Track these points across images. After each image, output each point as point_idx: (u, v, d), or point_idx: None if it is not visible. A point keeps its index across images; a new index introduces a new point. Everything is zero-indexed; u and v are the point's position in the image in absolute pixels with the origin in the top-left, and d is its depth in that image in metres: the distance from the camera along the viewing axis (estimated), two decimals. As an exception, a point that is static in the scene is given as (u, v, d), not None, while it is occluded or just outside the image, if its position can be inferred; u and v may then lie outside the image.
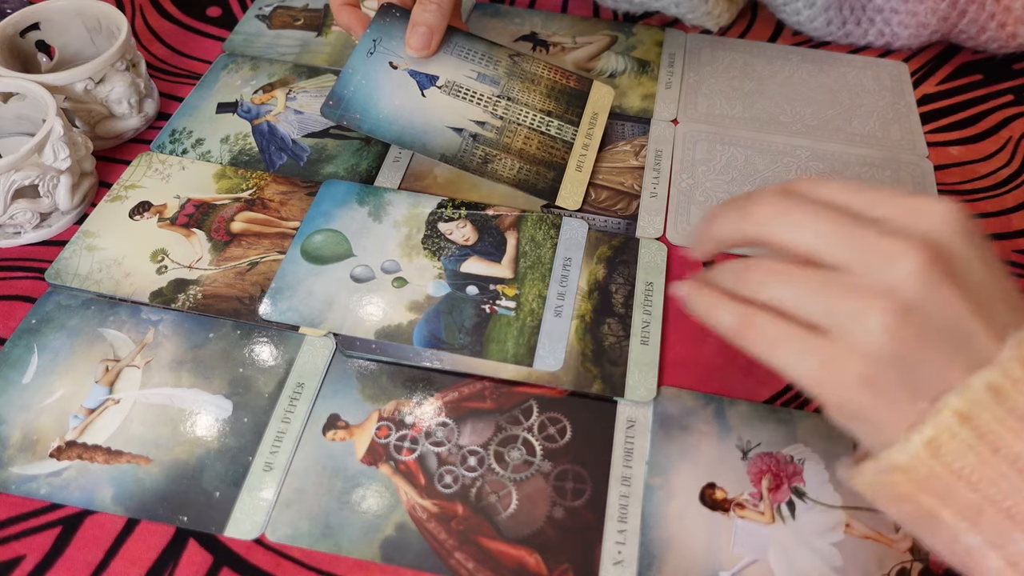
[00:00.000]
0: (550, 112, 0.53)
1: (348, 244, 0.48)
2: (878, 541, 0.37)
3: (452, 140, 0.50)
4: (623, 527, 0.38)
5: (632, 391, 0.42)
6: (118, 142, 0.54)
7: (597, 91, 0.55)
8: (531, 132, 0.52)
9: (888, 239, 0.28)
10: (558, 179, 0.51)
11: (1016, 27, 0.56)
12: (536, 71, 0.54)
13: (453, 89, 0.51)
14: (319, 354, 0.43)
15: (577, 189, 0.51)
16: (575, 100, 0.54)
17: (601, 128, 0.54)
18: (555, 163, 0.51)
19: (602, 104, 0.55)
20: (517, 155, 0.51)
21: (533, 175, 0.50)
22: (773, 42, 0.63)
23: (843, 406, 0.29)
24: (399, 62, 0.51)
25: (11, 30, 0.52)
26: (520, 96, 0.53)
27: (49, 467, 0.39)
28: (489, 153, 0.50)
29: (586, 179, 0.51)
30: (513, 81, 0.53)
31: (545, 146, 0.51)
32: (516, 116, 0.52)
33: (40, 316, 0.44)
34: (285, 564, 0.36)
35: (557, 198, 0.50)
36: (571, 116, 0.53)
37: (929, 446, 0.27)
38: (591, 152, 0.52)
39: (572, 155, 0.52)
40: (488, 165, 0.50)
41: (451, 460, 0.40)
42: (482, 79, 0.52)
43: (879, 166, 0.53)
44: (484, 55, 0.53)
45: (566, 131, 0.52)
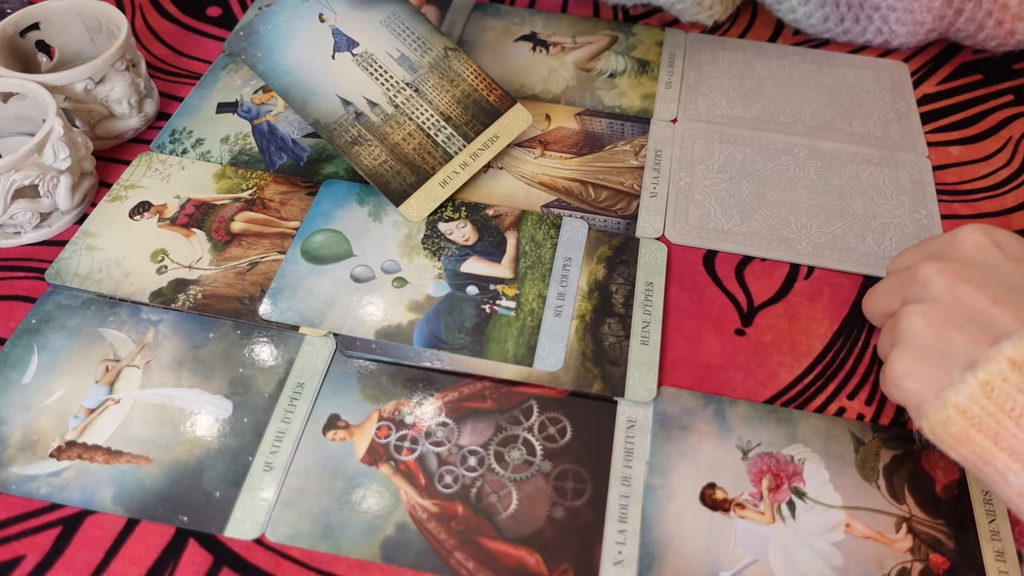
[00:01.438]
0: (449, 118, 0.50)
1: (348, 244, 0.48)
2: (878, 541, 0.37)
3: (334, 109, 0.49)
4: (623, 527, 0.38)
5: (632, 391, 0.42)
6: (118, 142, 0.54)
7: (514, 114, 0.52)
8: (417, 131, 0.49)
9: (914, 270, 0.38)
10: (415, 186, 0.49)
11: (1014, 24, 0.56)
12: (461, 72, 0.52)
13: (366, 61, 0.50)
14: (319, 354, 0.43)
15: (428, 203, 0.49)
16: (483, 115, 0.51)
17: (492, 153, 0.51)
18: (422, 169, 0.49)
19: (510, 129, 0.51)
20: (389, 148, 0.49)
21: (392, 173, 0.48)
22: (773, 42, 0.63)
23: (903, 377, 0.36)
24: (330, 16, 0.50)
25: (11, 30, 0.52)
26: (429, 91, 0.50)
27: (49, 467, 0.39)
28: (362, 135, 0.49)
29: (444, 196, 0.49)
30: (432, 74, 0.51)
31: (423, 149, 0.49)
32: (412, 110, 0.50)
33: (40, 316, 0.44)
34: (285, 564, 0.36)
35: (402, 204, 0.48)
36: (468, 129, 0.50)
37: (984, 387, 0.31)
38: (466, 172, 0.50)
39: (444, 168, 0.49)
40: (354, 147, 0.49)
41: (451, 460, 0.40)
42: (402, 61, 0.51)
43: (879, 166, 0.53)
44: (419, 39, 0.51)
45: (454, 143, 0.50)
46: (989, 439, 0.32)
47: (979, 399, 0.32)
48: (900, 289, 0.39)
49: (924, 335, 0.35)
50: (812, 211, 0.51)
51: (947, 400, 0.32)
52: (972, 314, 0.34)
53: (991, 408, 0.31)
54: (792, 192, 0.52)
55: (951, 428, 0.33)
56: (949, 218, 0.51)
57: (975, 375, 0.32)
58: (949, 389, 0.33)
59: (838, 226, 0.50)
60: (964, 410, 0.32)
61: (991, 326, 0.33)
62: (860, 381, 0.43)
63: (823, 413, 0.42)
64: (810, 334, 0.45)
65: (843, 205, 0.51)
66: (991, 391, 0.31)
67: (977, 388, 0.32)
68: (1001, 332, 0.33)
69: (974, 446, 0.32)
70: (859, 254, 0.48)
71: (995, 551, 0.37)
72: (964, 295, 0.35)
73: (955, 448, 0.33)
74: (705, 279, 0.47)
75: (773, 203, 0.51)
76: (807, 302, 0.46)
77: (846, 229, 0.50)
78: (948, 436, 0.33)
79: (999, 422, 0.31)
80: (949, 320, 0.34)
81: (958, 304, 0.35)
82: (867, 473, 0.39)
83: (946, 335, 0.34)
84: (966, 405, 0.32)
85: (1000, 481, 0.32)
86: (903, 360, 0.35)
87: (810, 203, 0.51)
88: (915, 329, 0.35)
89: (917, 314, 0.36)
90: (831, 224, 0.50)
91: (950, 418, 0.32)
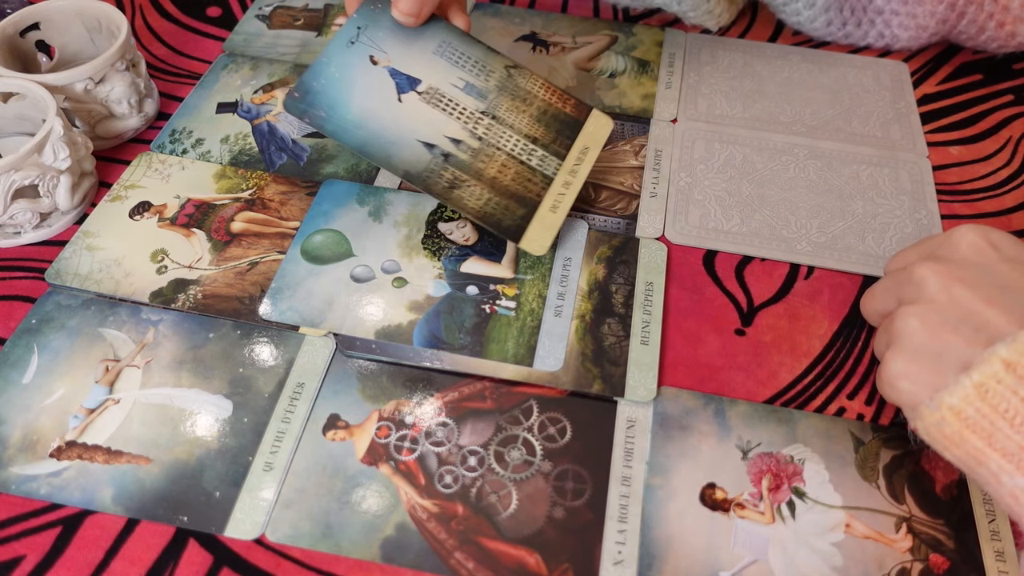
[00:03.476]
0: (536, 139, 0.47)
1: (348, 244, 0.48)
2: (878, 541, 0.37)
3: (420, 156, 0.46)
4: (623, 527, 0.38)
5: (632, 391, 0.42)
6: (118, 142, 0.54)
7: (595, 121, 0.49)
8: (509, 159, 0.46)
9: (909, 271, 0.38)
10: (527, 218, 0.46)
11: (1015, 26, 0.56)
12: (531, 89, 0.49)
13: (434, 97, 0.47)
14: (319, 354, 0.43)
15: (546, 233, 0.46)
16: (567, 129, 0.48)
17: (589, 165, 0.48)
18: (528, 199, 0.46)
19: (596, 137, 0.49)
20: (488, 184, 0.46)
21: (501, 210, 0.45)
22: (773, 42, 0.63)
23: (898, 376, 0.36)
24: (382, 57, 0.47)
25: (11, 30, 0.52)
26: (506, 116, 0.47)
27: (49, 467, 0.39)
28: (458, 177, 0.45)
29: (559, 222, 0.46)
30: (503, 97, 0.48)
31: (522, 178, 0.46)
32: (497, 139, 0.47)
33: (40, 316, 0.44)
34: (285, 564, 0.36)
35: (522, 240, 0.45)
36: (558, 147, 0.47)
37: (978, 388, 0.31)
38: (571, 192, 0.47)
39: (549, 193, 0.46)
40: (454, 191, 0.45)
41: (451, 460, 0.40)
42: (469, 90, 0.47)
43: (879, 166, 0.53)
44: (478, 63, 0.48)
45: (549, 164, 0.47)
46: (983, 440, 0.32)
47: (973, 400, 0.32)
48: (896, 289, 0.39)
49: (919, 336, 0.35)
50: (812, 211, 0.51)
51: (941, 401, 0.33)
52: (967, 315, 0.34)
53: (985, 409, 0.31)
54: (792, 192, 0.52)
55: (945, 429, 0.33)
56: (949, 218, 0.51)
57: (969, 377, 0.32)
58: (943, 390, 0.33)
59: (838, 226, 0.50)
60: (958, 411, 0.32)
61: (985, 328, 0.33)
62: (860, 381, 0.43)
63: (823, 413, 0.42)
64: (810, 334, 0.45)
65: (843, 205, 0.51)
66: (985, 392, 0.31)
67: (971, 389, 0.32)
68: (995, 334, 0.33)
69: (968, 447, 0.32)
70: (859, 254, 0.48)
71: (995, 551, 0.37)
72: (959, 296, 0.35)
73: (949, 449, 0.33)
74: (705, 279, 0.47)
75: (773, 203, 0.51)
76: (807, 302, 0.46)
77: (846, 229, 0.50)
78: (942, 437, 0.33)
79: (993, 423, 0.31)
80: (944, 321, 0.35)
81: (953, 305, 0.35)
82: (867, 473, 0.39)
83: (941, 336, 0.34)
84: (960, 406, 0.32)
85: (994, 482, 0.32)
86: (898, 361, 0.35)
87: (810, 203, 0.51)
88: (910, 330, 0.35)
89: (912, 315, 0.36)
90: (831, 224, 0.50)
91: (944, 419, 0.33)
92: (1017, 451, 0.31)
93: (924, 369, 0.34)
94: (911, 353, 0.35)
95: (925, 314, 0.35)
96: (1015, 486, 0.31)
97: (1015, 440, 0.31)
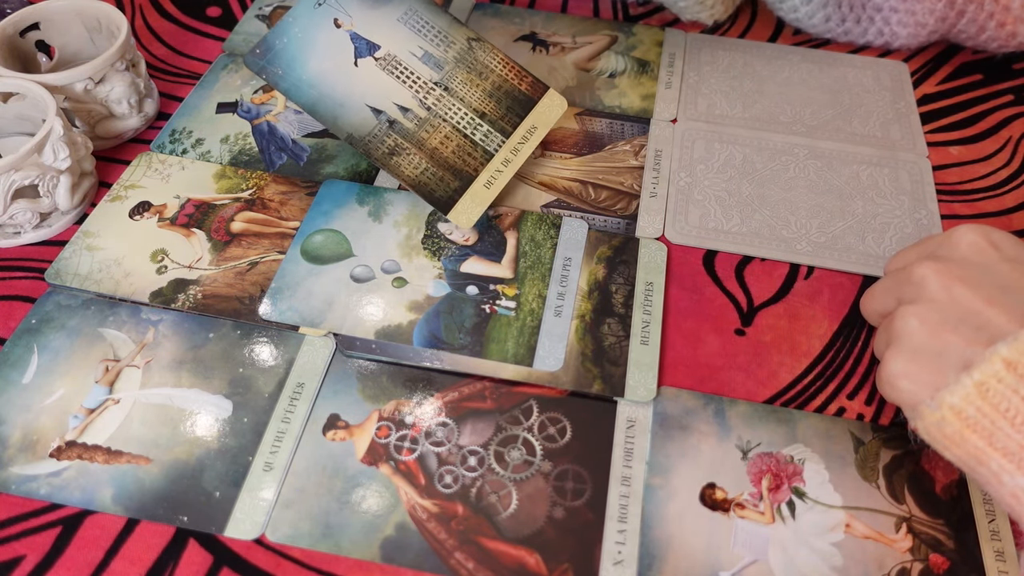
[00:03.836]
0: (484, 114, 0.48)
1: (348, 244, 0.48)
2: (878, 541, 0.37)
3: (366, 120, 0.47)
4: (623, 527, 0.38)
5: (632, 391, 0.42)
6: (118, 142, 0.54)
7: (548, 101, 0.50)
8: (453, 132, 0.47)
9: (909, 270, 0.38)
10: (460, 191, 0.47)
11: (1015, 26, 0.56)
12: (489, 63, 0.49)
13: (390, 64, 0.48)
14: (319, 354, 0.43)
15: (476, 207, 0.47)
16: (518, 106, 0.49)
17: (532, 145, 0.49)
18: (464, 173, 0.47)
19: (547, 117, 0.50)
20: (428, 154, 0.47)
21: (435, 180, 0.46)
22: (773, 42, 0.63)
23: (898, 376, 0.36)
24: (345, 21, 0.48)
25: (11, 30, 0.52)
26: (459, 88, 0.48)
27: (49, 467, 0.39)
28: (399, 144, 0.47)
29: (490, 198, 0.47)
30: (459, 69, 0.49)
31: (462, 151, 0.47)
32: (445, 111, 0.48)
33: (40, 316, 0.44)
34: (285, 564, 0.36)
35: (451, 211, 0.47)
36: (505, 124, 0.48)
37: (978, 388, 0.31)
38: (509, 170, 0.48)
39: (487, 168, 0.47)
40: (393, 158, 0.47)
41: (451, 460, 0.40)
42: (427, 59, 0.48)
43: (879, 166, 0.53)
44: (440, 32, 0.49)
45: (492, 140, 0.48)
46: (983, 440, 0.32)
47: (974, 400, 0.32)
48: (896, 289, 0.39)
49: (919, 336, 0.35)
50: (812, 211, 0.51)
51: (942, 401, 0.33)
52: (967, 315, 0.34)
53: (986, 409, 0.31)
54: (792, 192, 0.52)
55: (946, 429, 0.33)
56: (949, 218, 0.51)
57: (970, 376, 0.32)
58: (944, 390, 0.33)
59: (838, 226, 0.50)
60: (959, 411, 0.32)
61: (986, 327, 0.33)
62: (860, 381, 0.43)
63: (823, 413, 0.42)
64: (810, 334, 0.45)
65: (843, 205, 0.51)
66: (986, 392, 0.31)
67: (972, 389, 0.32)
68: (996, 333, 0.33)
69: (968, 447, 0.32)
70: (859, 254, 0.48)
71: (995, 551, 0.37)
72: (959, 295, 0.35)
73: (949, 448, 0.33)
74: (705, 279, 0.47)
75: (773, 203, 0.51)
76: (807, 302, 0.47)
77: (846, 229, 0.50)
78: (943, 437, 0.33)
79: (994, 423, 0.31)
80: (944, 321, 0.35)
81: (953, 304, 0.35)
82: (867, 473, 0.39)
83: (941, 336, 0.34)
84: (961, 406, 0.32)
85: (994, 481, 0.32)
86: (898, 360, 0.35)
87: (810, 203, 0.51)
88: (910, 329, 0.35)
89: (912, 315, 0.36)
90: (831, 224, 0.50)
91: (945, 419, 0.33)
92: (1018, 450, 0.31)
93: (924, 369, 0.34)
94: (911, 353, 0.35)
95: (925, 314, 0.35)
96: (1016, 486, 0.31)
97: (1016, 439, 0.31)
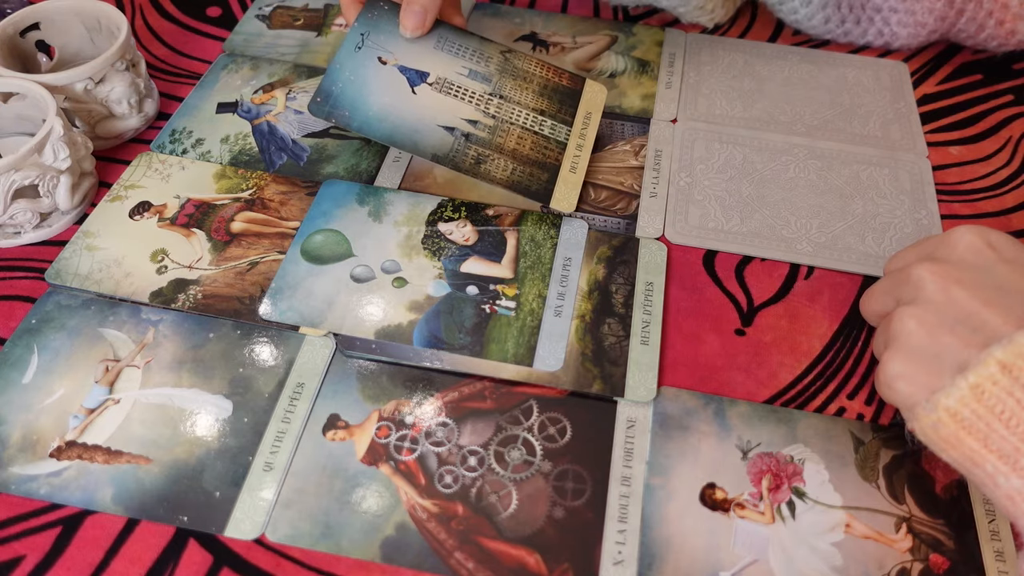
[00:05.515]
0: (543, 111, 0.52)
1: (348, 244, 0.48)
2: (878, 541, 0.37)
3: (444, 139, 0.49)
4: (623, 527, 0.38)
5: (632, 391, 0.42)
6: (118, 142, 0.54)
7: (590, 89, 0.54)
8: (524, 132, 0.50)
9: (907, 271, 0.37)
10: (552, 180, 0.50)
11: (1015, 24, 0.56)
12: (528, 68, 0.53)
13: (444, 86, 0.50)
14: (319, 354, 0.43)
15: (571, 191, 0.50)
16: (568, 99, 0.53)
17: (595, 128, 0.52)
18: (549, 164, 0.50)
19: (595, 103, 0.54)
20: (510, 155, 0.50)
21: (527, 177, 0.49)
22: (773, 42, 0.63)
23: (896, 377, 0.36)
24: (388, 57, 0.51)
25: (11, 30, 0.52)
26: (512, 94, 0.51)
27: (49, 467, 0.39)
28: (482, 153, 0.49)
29: (580, 181, 0.50)
30: (505, 79, 0.52)
31: (538, 146, 0.50)
32: (509, 115, 0.51)
33: (40, 316, 0.44)
34: (285, 564, 0.36)
35: (551, 200, 0.49)
36: (564, 115, 0.52)
37: (974, 390, 0.31)
38: (585, 153, 0.51)
39: (566, 156, 0.51)
40: (481, 166, 0.49)
41: (451, 460, 0.40)
42: (473, 76, 0.51)
43: (879, 166, 0.53)
44: (475, 51, 0.53)
45: (559, 131, 0.51)
46: (979, 442, 0.32)
47: (969, 402, 0.32)
48: (894, 290, 0.39)
49: (916, 337, 0.35)
50: (812, 211, 0.51)
51: (938, 403, 0.33)
52: (964, 316, 0.34)
53: (981, 411, 0.31)
54: (792, 192, 0.52)
55: (941, 431, 0.33)
56: (949, 218, 0.51)
57: (965, 378, 0.32)
58: (940, 392, 0.33)
59: (838, 226, 0.50)
60: (954, 413, 0.32)
61: (982, 329, 0.33)
62: (860, 381, 0.43)
63: (823, 413, 0.42)
64: (810, 334, 0.45)
65: (843, 205, 0.51)
66: (981, 394, 0.31)
67: (967, 391, 0.32)
68: (992, 335, 0.33)
69: (964, 448, 0.32)
70: (859, 254, 0.48)
71: (995, 551, 0.37)
72: (957, 297, 0.35)
73: (946, 450, 0.33)
74: (705, 279, 0.47)
75: (773, 203, 0.51)
76: (807, 302, 0.46)
77: (846, 229, 0.50)
78: (939, 438, 0.33)
79: (989, 425, 0.31)
80: (941, 322, 0.34)
81: (950, 306, 0.35)
82: (867, 473, 0.39)
83: (938, 337, 0.34)
84: (956, 408, 0.32)
85: (990, 483, 0.32)
86: (895, 362, 0.35)
87: (810, 203, 0.51)
88: (907, 331, 0.35)
89: (910, 316, 0.36)
90: (831, 224, 0.50)
91: (940, 421, 0.33)
92: (1013, 453, 0.31)
93: (921, 370, 0.34)
94: (908, 354, 0.35)
95: (922, 315, 0.35)
96: (1011, 488, 0.31)
97: (1011, 442, 0.31)
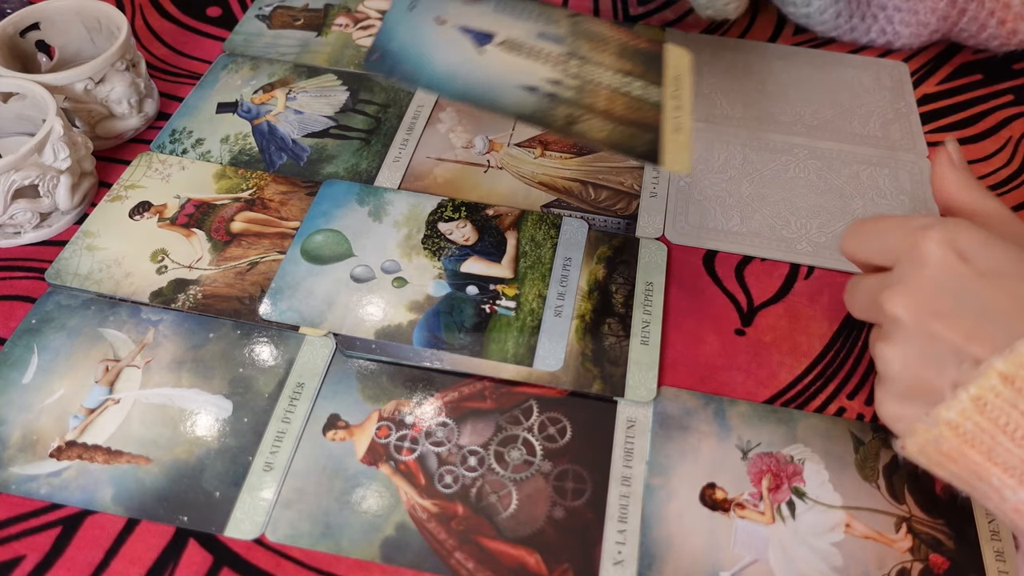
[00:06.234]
0: (629, 72, 0.45)
1: (348, 244, 0.48)
2: (878, 541, 0.37)
3: (525, 99, 0.43)
4: (623, 527, 0.38)
5: (632, 391, 0.42)
6: (118, 142, 0.54)
7: (672, 51, 0.48)
8: (613, 93, 0.44)
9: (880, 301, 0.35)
10: (656, 141, 0.43)
11: (1016, 23, 0.56)
12: (600, 31, 0.47)
13: (514, 47, 0.45)
14: (319, 354, 0.43)
15: (683, 152, 0.42)
16: (652, 61, 0.46)
17: (688, 91, 0.45)
18: (648, 124, 0.43)
19: (681, 66, 0.47)
20: (604, 115, 0.43)
21: (628, 137, 0.42)
22: (773, 42, 0.63)
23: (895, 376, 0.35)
24: (447, 17, 0.45)
25: (11, 30, 0.52)
26: (591, 56, 0.45)
27: (49, 467, 0.39)
28: (573, 114, 0.43)
29: (688, 142, 0.43)
30: (579, 40, 0.46)
31: (632, 107, 0.43)
32: (592, 75, 0.44)
33: (40, 316, 0.44)
34: (285, 564, 0.36)
35: (664, 161, 0.42)
36: (652, 77, 0.45)
37: (976, 402, 0.30)
38: (685, 115, 0.44)
39: (666, 117, 0.44)
40: (574, 126, 0.42)
41: (451, 460, 0.40)
42: (544, 37, 0.46)
43: (879, 166, 0.53)
44: (540, 15, 0.47)
45: (651, 92, 0.44)
46: (983, 455, 0.31)
47: (971, 415, 0.31)
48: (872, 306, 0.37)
49: (904, 379, 0.34)
50: (812, 211, 0.51)
51: (938, 417, 0.32)
52: (949, 353, 0.33)
53: (984, 423, 0.31)
54: (792, 192, 0.52)
55: (943, 446, 0.32)
56: (949, 218, 0.51)
57: (967, 390, 0.31)
58: (940, 405, 0.32)
59: (838, 226, 0.50)
60: (956, 426, 0.31)
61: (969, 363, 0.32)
62: (860, 381, 0.43)
63: (823, 413, 0.42)
64: (810, 334, 0.45)
65: (843, 205, 0.51)
66: (983, 406, 0.31)
67: (969, 404, 0.31)
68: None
69: (967, 462, 0.32)
70: (859, 254, 0.48)
71: (995, 551, 0.37)
72: (937, 333, 0.33)
73: (945, 466, 0.33)
74: (705, 279, 0.47)
75: (773, 203, 0.51)
76: (807, 302, 0.46)
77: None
78: (939, 454, 0.32)
79: (993, 437, 0.31)
80: (926, 364, 0.33)
81: (932, 343, 0.33)
82: (867, 473, 0.39)
83: (927, 380, 0.33)
84: (958, 421, 0.31)
85: (995, 497, 0.32)
86: (889, 404, 0.35)
87: (810, 203, 0.51)
88: (893, 373, 0.35)
89: (893, 358, 0.35)
90: (831, 224, 0.50)
91: (942, 435, 0.32)
92: (1019, 464, 0.30)
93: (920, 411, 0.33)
94: (899, 395, 0.34)
95: (906, 356, 0.34)
96: (1018, 500, 0.31)
97: (1016, 454, 0.30)
